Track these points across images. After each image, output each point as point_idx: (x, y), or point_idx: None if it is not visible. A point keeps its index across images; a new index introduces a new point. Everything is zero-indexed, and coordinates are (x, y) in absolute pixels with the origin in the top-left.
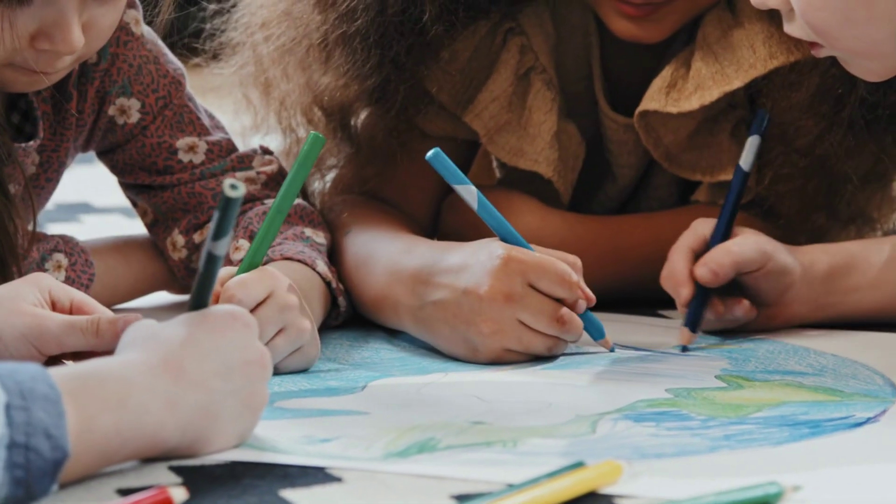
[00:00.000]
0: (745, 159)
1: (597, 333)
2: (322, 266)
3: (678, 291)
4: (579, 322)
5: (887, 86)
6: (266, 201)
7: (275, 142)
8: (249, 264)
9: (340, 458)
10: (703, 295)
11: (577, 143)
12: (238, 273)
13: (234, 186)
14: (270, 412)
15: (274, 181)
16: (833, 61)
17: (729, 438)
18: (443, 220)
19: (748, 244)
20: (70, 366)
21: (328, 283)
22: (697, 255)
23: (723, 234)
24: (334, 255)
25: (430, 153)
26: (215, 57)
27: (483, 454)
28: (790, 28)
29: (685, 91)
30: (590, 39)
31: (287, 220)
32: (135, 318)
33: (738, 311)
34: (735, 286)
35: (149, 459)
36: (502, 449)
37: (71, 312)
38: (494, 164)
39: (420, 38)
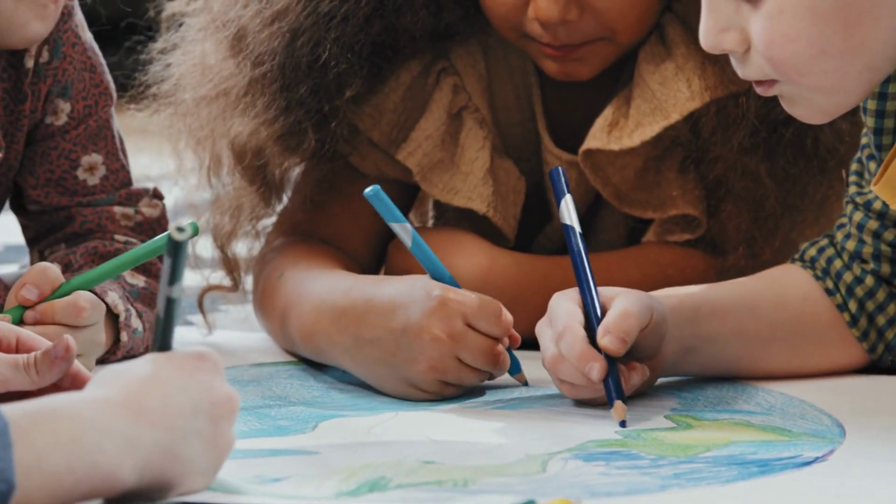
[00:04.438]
0: (570, 218)
1: (514, 368)
2: (112, 297)
3: (592, 367)
4: (508, 357)
5: (789, 120)
6: (126, 245)
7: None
8: (64, 292)
9: (292, 498)
10: (613, 365)
11: (516, 178)
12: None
13: (181, 229)
14: None
15: (149, 226)
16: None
17: (679, 477)
18: (390, 259)
19: (636, 301)
20: (23, 402)
21: (116, 317)
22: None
23: (593, 298)
24: (265, 297)
25: (368, 189)
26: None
27: (434, 493)
28: (746, 71)
29: (626, 128)
30: (529, 79)
31: None
32: (65, 341)
33: (635, 378)
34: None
35: (111, 501)
36: (453, 488)
37: (17, 350)
38: (431, 213)
39: (323, 80)
